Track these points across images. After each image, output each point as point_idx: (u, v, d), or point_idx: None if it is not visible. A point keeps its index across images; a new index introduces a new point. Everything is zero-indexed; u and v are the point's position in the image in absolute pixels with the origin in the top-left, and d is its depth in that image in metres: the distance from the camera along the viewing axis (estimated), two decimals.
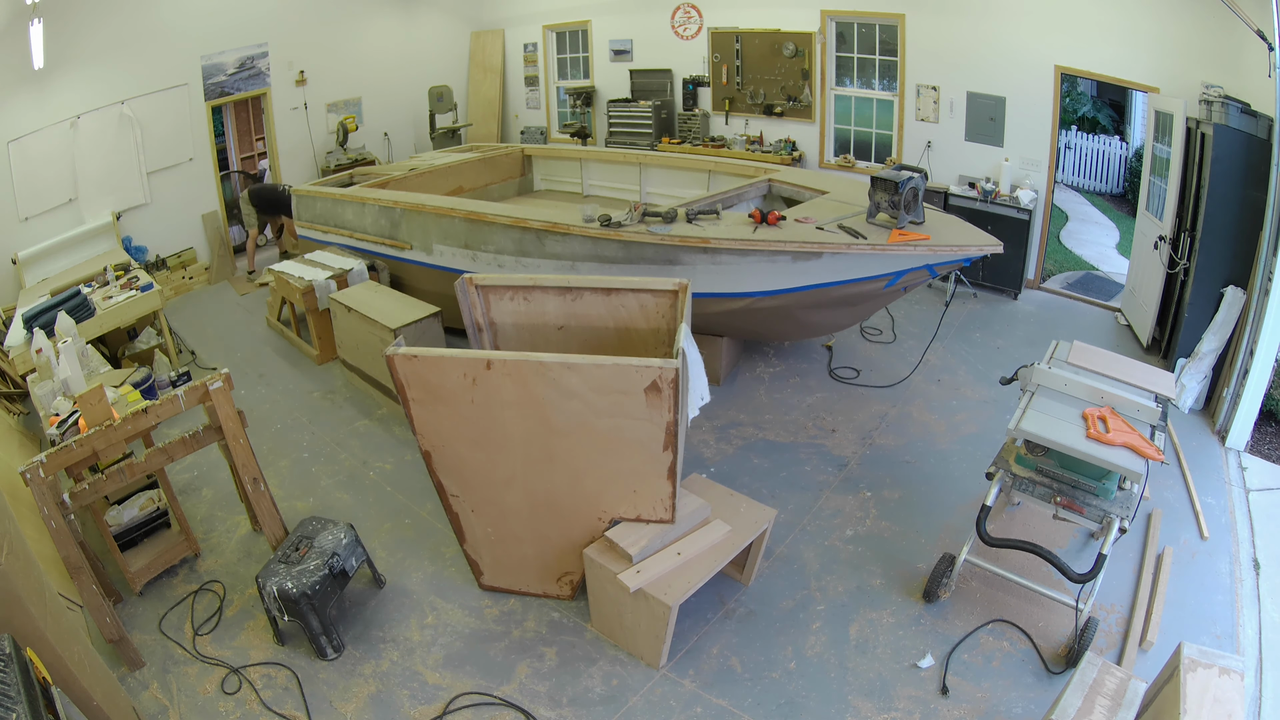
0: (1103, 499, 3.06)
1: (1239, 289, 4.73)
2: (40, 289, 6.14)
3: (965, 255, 4.22)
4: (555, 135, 10.12)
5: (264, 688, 3.23)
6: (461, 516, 3.47)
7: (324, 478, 4.62)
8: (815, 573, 3.72)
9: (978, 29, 6.35)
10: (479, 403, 3.08)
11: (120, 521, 3.82)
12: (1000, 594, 3.51)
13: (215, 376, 3.40)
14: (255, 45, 7.95)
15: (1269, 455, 4.54)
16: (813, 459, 4.54)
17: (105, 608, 3.19)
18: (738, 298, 4.65)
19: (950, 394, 5.15)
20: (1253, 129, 4.57)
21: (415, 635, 3.47)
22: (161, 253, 7.58)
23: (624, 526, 3.27)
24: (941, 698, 3.04)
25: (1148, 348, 5.57)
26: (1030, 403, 3.24)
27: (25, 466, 2.98)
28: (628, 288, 3.67)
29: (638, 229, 4.62)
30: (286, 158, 8.63)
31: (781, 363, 5.62)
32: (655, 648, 3.20)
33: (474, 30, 10.30)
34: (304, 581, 3.22)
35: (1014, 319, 6.22)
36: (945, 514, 4.05)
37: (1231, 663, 2.23)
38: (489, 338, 3.88)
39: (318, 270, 6.00)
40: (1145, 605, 3.38)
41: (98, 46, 6.73)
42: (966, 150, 6.71)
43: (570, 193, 7.68)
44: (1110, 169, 9.82)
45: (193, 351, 6.41)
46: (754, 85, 8.01)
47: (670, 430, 3.00)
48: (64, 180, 6.78)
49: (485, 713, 3.09)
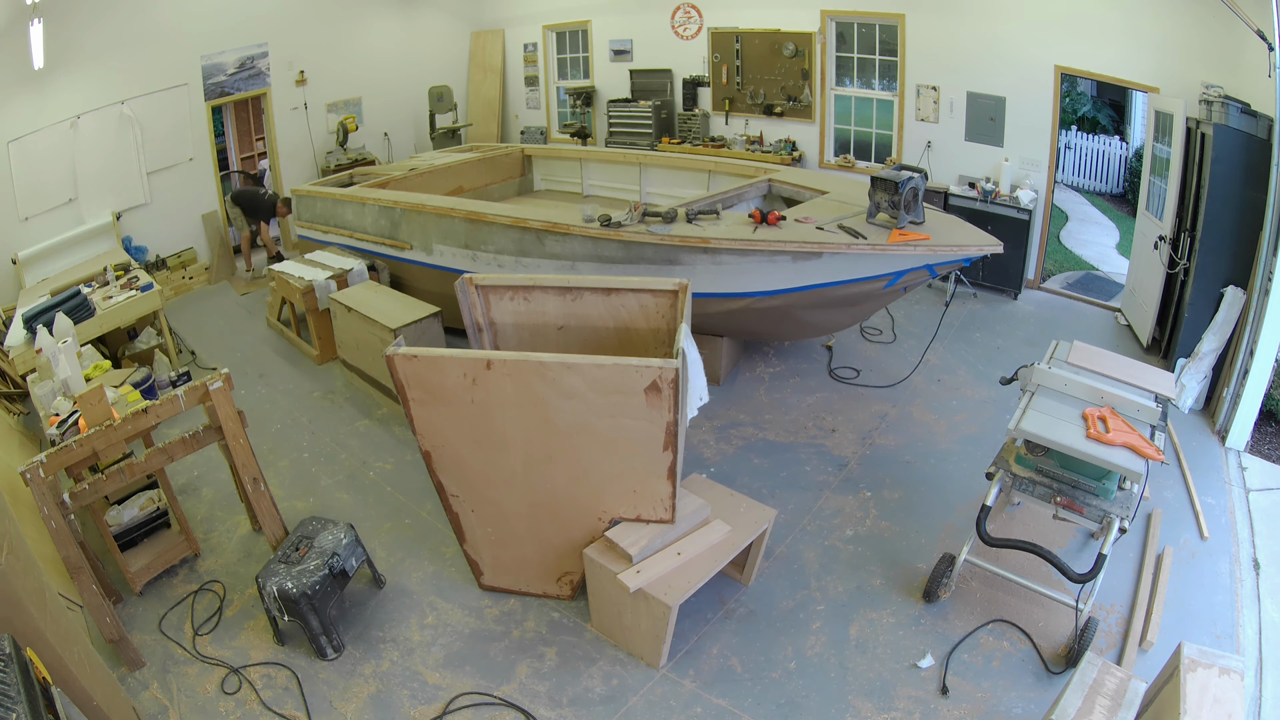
0: (1103, 499, 3.06)
1: (1239, 289, 4.73)
2: (40, 289, 6.14)
3: (965, 255, 4.22)
4: (555, 135, 10.12)
5: (264, 688, 3.23)
6: (461, 516, 3.47)
7: (324, 478, 4.62)
8: (815, 573, 3.72)
9: (978, 29, 6.35)
10: (479, 403, 3.08)
11: (120, 521, 3.82)
12: (1000, 594, 3.51)
13: (215, 376, 3.40)
14: (255, 45, 7.95)
15: (1269, 455, 4.54)
16: (813, 459, 4.54)
17: (105, 608, 3.19)
18: (738, 298, 4.65)
19: (950, 394, 5.15)
20: (1253, 129, 4.57)
21: (415, 635, 3.47)
22: (161, 253, 7.58)
23: (624, 526, 3.27)
24: (941, 698, 3.04)
25: (1148, 348, 5.57)
26: (1030, 403, 3.24)
27: (25, 466, 2.98)
28: (628, 288, 3.67)
29: (638, 229, 4.62)
30: (286, 158, 8.63)
31: (781, 363, 5.62)
32: (655, 648, 3.20)
33: (474, 30, 10.30)
34: (304, 581, 3.22)
35: (1014, 319, 6.22)
36: (945, 514, 4.05)
37: (1231, 663, 2.22)
38: (489, 338, 3.88)
39: (318, 270, 6.00)
40: (1145, 605, 3.38)
41: (97, 46, 6.73)
42: (966, 150, 6.71)
43: (570, 193, 7.68)
44: (1110, 169, 9.82)
45: (193, 351, 6.41)
46: (754, 85, 8.01)
47: (670, 430, 3.00)
48: (64, 180, 6.78)
49: (485, 713, 3.09)
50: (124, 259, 6.58)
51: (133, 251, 7.24)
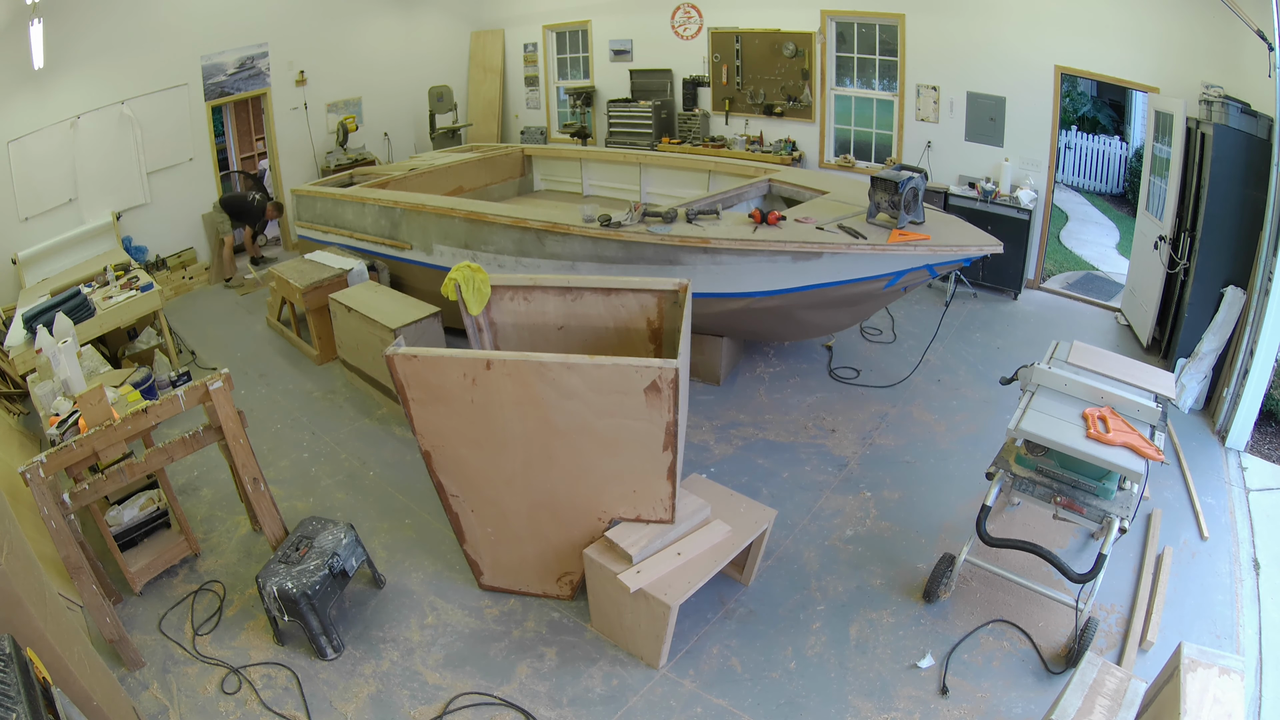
0: (1103, 499, 3.06)
1: (1239, 289, 4.73)
2: (40, 289, 6.14)
3: (965, 255, 4.22)
4: (555, 135, 10.12)
5: (264, 688, 3.23)
6: (461, 516, 3.47)
7: (324, 478, 4.62)
8: (815, 573, 3.72)
9: (978, 29, 6.35)
10: (479, 403, 3.08)
11: (120, 521, 3.82)
12: (1000, 594, 3.51)
13: (215, 376, 3.40)
14: (255, 45, 7.95)
15: (1269, 455, 4.54)
16: (813, 459, 4.54)
17: (105, 608, 3.19)
18: (738, 298, 4.65)
19: (950, 394, 5.15)
20: (1253, 129, 4.57)
21: (415, 635, 3.47)
22: (161, 253, 7.58)
23: (624, 526, 3.27)
24: (941, 698, 3.04)
25: (1148, 348, 5.57)
26: (1030, 403, 3.24)
27: (25, 466, 2.98)
28: (628, 288, 3.67)
29: (638, 229, 4.62)
30: (286, 158, 8.63)
31: (781, 363, 5.62)
32: (655, 648, 3.20)
33: (474, 30, 10.30)
34: (304, 581, 3.22)
35: (1014, 319, 6.22)
36: (945, 514, 4.05)
37: (1231, 663, 2.22)
38: (489, 338, 3.88)
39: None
40: (1145, 605, 3.38)
41: (98, 46, 6.73)
42: (966, 150, 6.71)
43: (570, 193, 7.68)
44: (1110, 169, 9.82)
45: (193, 351, 6.41)
46: (754, 85, 8.01)
47: (670, 430, 3.00)
48: (64, 180, 6.78)
49: (485, 713, 3.09)
50: (124, 259, 6.57)
51: (133, 251, 7.23)
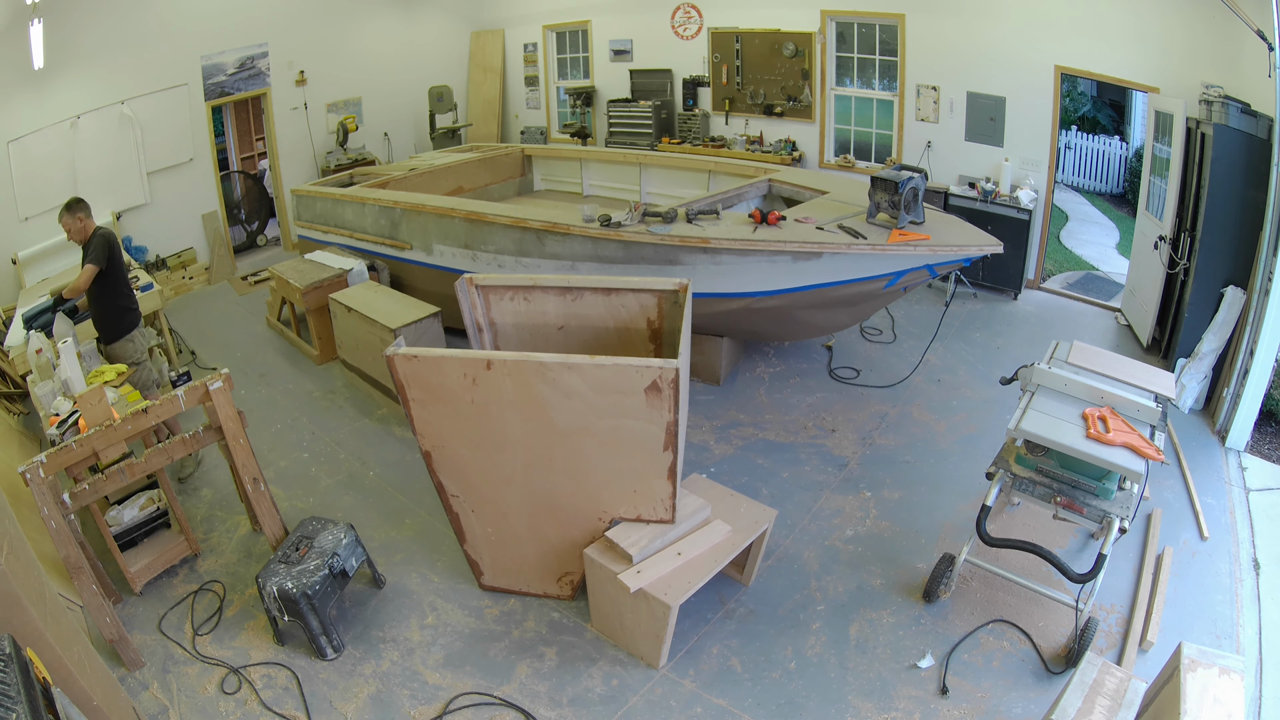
0: (1103, 499, 3.06)
1: (1239, 289, 4.73)
2: (40, 289, 6.13)
3: (965, 255, 4.22)
4: (555, 135, 10.11)
5: (264, 688, 3.23)
6: (461, 516, 3.47)
7: (324, 478, 4.62)
8: (815, 573, 3.72)
9: (978, 29, 6.35)
10: (479, 403, 3.08)
11: (120, 521, 3.82)
12: (1000, 594, 3.51)
13: (215, 376, 3.40)
14: (255, 45, 7.94)
15: (1269, 455, 4.54)
16: (813, 459, 4.54)
17: (105, 608, 3.19)
18: (738, 298, 4.65)
19: (950, 394, 5.15)
20: (1253, 129, 4.57)
21: (415, 635, 3.47)
22: (161, 253, 7.58)
23: (624, 526, 3.27)
24: (941, 698, 3.04)
25: (1148, 348, 5.57)
26: (1030, 403, 3.24)
27: (25, 466, 2.98)
28: (628, 288, 3.67)
29: (638, 229, 4.62)
30: (286, 158, 8.62)
31: (781, 363, 5.62)
32: (655, 648, 3.20)
33: (474, 30, 10.30)
34: (304, 581, 3.22)
35: (1014, 319, 6.22)
36: (945, 514, 4.05)
37: (1231, 663, 2.22)
38: (489, 338, 3.88)
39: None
40: (1145, 605, 3.38)
41: (97, 46, 6.72)
42: (966, 150, 6.70)
43: (570, 193, 7.68)
44: (1110, 169, 9.82)
45: (193, 351, 6.41)
46: (754, 85, 8.00)
47: (670, 430, 3.00)
48: (64, 180, 6.76)
49: (485, 713, 3.09)
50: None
51: (133, 251, 7.23)
